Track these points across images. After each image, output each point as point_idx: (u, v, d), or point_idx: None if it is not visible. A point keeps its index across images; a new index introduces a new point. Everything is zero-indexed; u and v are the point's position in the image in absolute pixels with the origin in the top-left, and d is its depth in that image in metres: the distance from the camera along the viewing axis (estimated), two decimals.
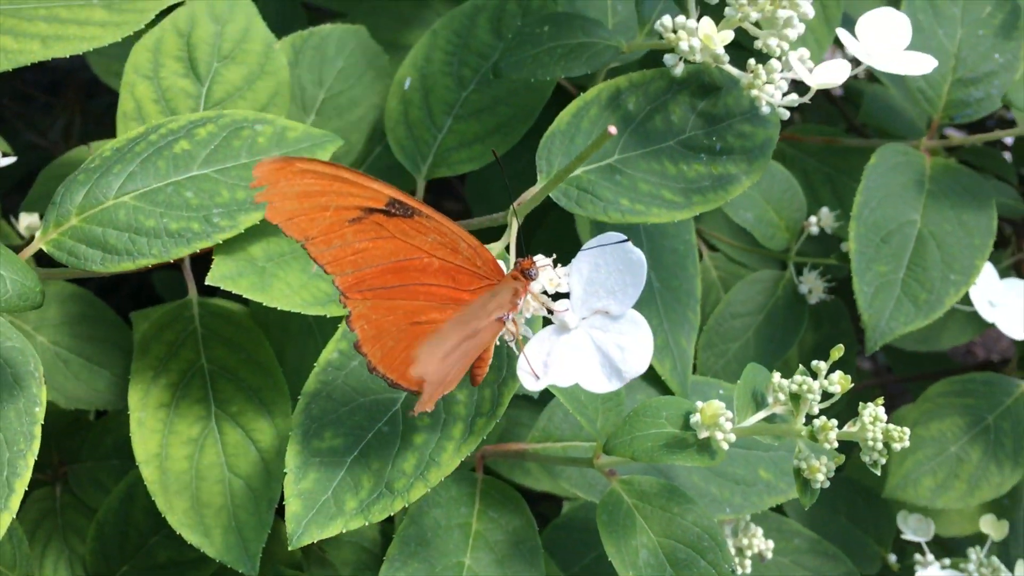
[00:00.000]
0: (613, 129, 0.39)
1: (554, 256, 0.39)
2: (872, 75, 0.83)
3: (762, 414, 0.43)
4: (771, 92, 0.45)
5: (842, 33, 0.47)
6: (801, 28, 0.45)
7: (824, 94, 0.95)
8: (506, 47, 0.50)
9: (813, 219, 0.67)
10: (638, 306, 0.54)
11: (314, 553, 0.63)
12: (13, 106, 0.93)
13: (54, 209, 0.41)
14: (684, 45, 0.44)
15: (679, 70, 0.45)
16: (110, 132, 0.52)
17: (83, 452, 0.63)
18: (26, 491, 0.63)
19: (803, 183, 0.76)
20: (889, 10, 0.48)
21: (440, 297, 0.37)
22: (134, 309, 0.63)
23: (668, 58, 0.45)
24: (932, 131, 0.65)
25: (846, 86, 0.91)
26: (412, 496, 0.39)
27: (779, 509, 0.71)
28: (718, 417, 0.40)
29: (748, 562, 0.59)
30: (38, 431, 0.38)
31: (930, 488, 0.67)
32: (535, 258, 0.38)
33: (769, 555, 0.59)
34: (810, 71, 0.43)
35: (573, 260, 0.38)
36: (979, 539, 0.64)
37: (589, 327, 0.38)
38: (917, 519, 0.68)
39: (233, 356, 0.49)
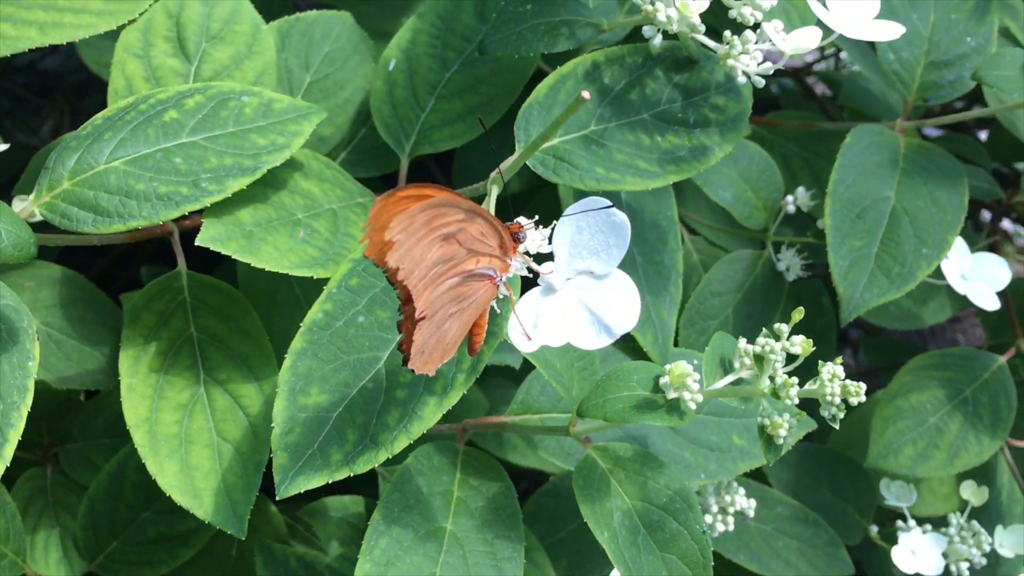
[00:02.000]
0: (586, 94, 0.40)
1: (536, 218, 0.40)
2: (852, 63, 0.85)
3: (729, 378, 0.45)
4: (746, 62, 0.47)
5: (814, 4, 0.48)
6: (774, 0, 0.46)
7: (803, 87, 0.97)
8: (491, 25, 0.51)
9: (790, 198, 0.69)
10: (629, 273, 0.56)
11: (299, 530, 0.64)
12: (5, 106, 0.94)
13: (47, 174, 0.43)
14: (662, 16, 0.45)
15: (657, 41, 0.47)
16: None
17: (74, 432, 0.64)
18: (17, 472, 0.65)
19: (782, 167, 0.77)
20: None
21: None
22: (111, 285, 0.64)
23: (647, 30, 0.47)
24: (906, 112, 0.67)
25: (826, 79, 0.92)
26: (396, 447, 0.41)
27: (762, 479, 0.73)
28: (685, 377, 0.42)
29: (731, 519, 0.60)
30: (31, 384, 0.40)
31: (911, 457, 0.68)
32: (518, 219, 0.39)
33: (751, 513, 0.61)
34: (783, 40, 0.45)
35: (556, 223, 0.39)
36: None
37: (575, 287, 0.39)
38: (900, 485, 0.70)
39: (222, 325, 0.50)
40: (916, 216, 0.62)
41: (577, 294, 0.39)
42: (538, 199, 0.65)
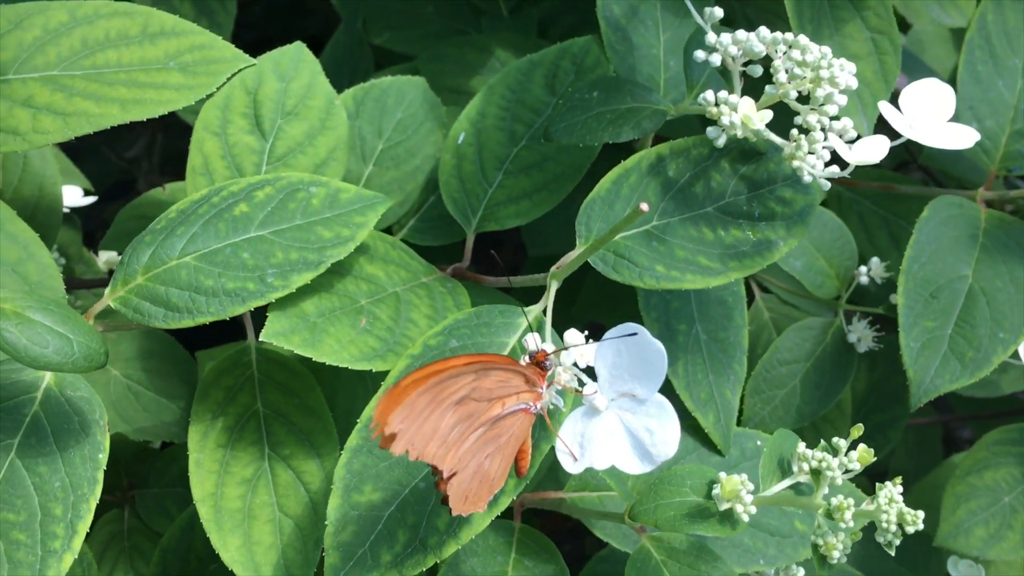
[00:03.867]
0: (645, 206, 0.40)
1: (586, 332, 0.40)
2: None
3: (787, 482, 0.44)
4: (812, 162, 0.46)
5: (884, 107, 0.47)
6: (843, 101, 0.45)
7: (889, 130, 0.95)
8: (556, 112, 0.51)
9: (863, 269, 0.67)
10: (685, 355, 0.55)
11: None
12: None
13: (122, 268, 0.44)
14: (726, 120, 0.45)
15: (721, 142, 0.46)
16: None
17: (150, 478, 0.67)
18: (97, 513, 0.68)
19: (859, 227, 0.76)
20: (934, 82, 0.49)
21: None
22: (200, 339, 0.66)
23: (711, 131, 0.46)
24: (989, 182, 0.65)
25: None
26: (444, 553, 0.41)
27: None
28: (738, 491, 0.41)
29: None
30: (100, 476, 0.41)
31: (982, 538, 0.67)
32: (543, 348, 0.40)
33: None
34: (850, 146, 0.44)
35: (598, 345, 0.39)
36: None
37: (618, 409, 0.40)
38: (968, 564, 0.68)
39: (287, 401, 0.51)
40: (994, 297, 0.60)
41: (620, 416, 0.39)
42: (588, 283, 0.66)
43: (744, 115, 0.43)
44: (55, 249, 0.69)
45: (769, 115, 0.44)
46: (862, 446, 0.44)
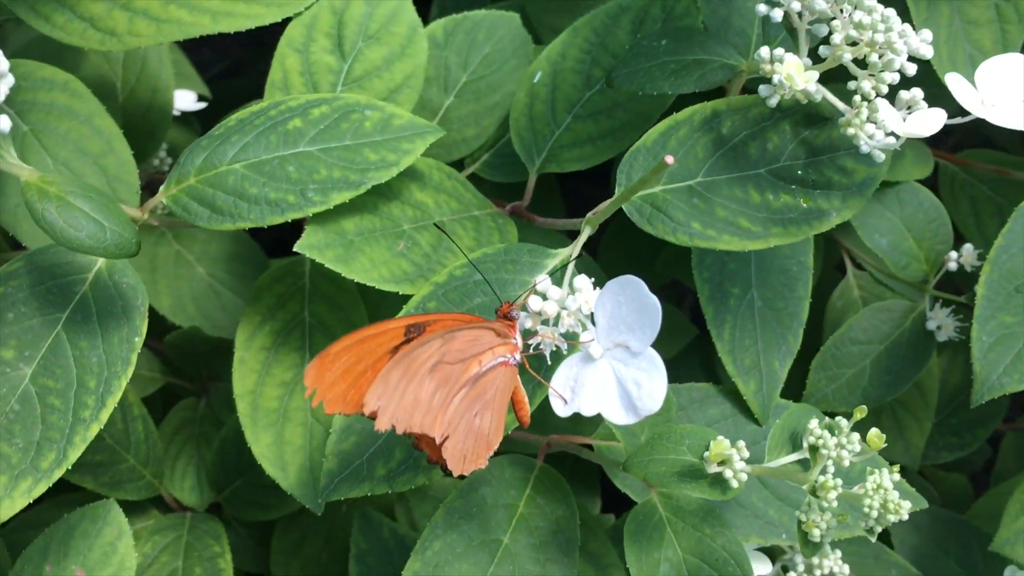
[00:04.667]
0: (670, 159, 0.40)
1: (593, 280, 0.40)
2: None
3: (795, 456, 0.43)
4: (871, 131, 0.44)
5: (954, 80, 0.44)
6: (910, 69, 0.43)
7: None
8: (622, 58, 0.51)
9: (954, 254, 0.64)
10: (733, 319, 0.54)
11: (404, 504, 0.68)
12: (213, 59, 1.01)
13: (178, 168, 0.47)
14: (777, 78, 0.43)
15: (773, 101, 0.45)
16: None
17: (224, 373, 0.70)
18: (174, 399, 0.72)
19: (969, 211, 0.72)
20: (1018, 58, 0.45)
21: None
22: (279, 248, 0.69)
23: (763, 89, 0.45)
24: None
25: None
26: (434, 476, 0.43)
27: (885, 538, 0.70)
28: (725, 455, 0.41)
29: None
30: (134, 358, 0.44)
31: None
32: (576, 279, 0.40)
33: None
34: (905, 116, 0.42)
35: (599, 292, 0.39)
36: None
37: (612, 359, 0.39)
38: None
39: (332, 314, 0.54)
40: None
41: (613, 366, 0.39)
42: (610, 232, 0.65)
43: (787, 73, 0.42)
44: (164, 148, 0.73)
45: (814, 76, 0.42)
46: (874, 430, 0.42)
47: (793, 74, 0.42)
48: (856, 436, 0.41)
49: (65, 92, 0.53)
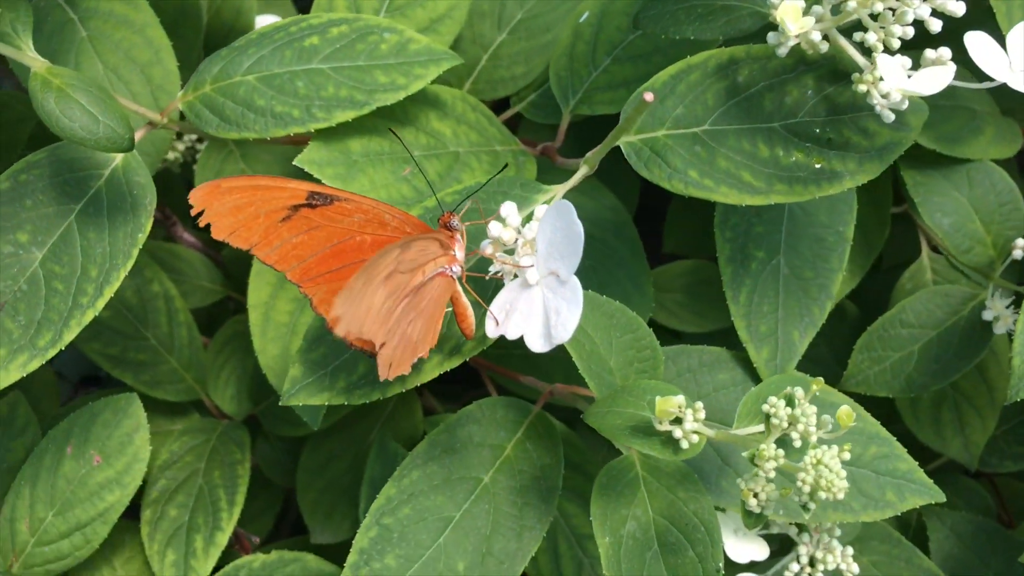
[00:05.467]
0: (649, 96, 0.38)
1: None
2: None
3: (760, 427, 0.41)
4: (886, 89, 0.41)
5: (975, 39, 0.41)
6: (935, 25, 0.40)
7: None
8: None
9: (1021, 241, 0.59)
10: (753, 283, 0.52)
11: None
12: None
13: (196, 76, 0.48)
14: (784, 25, 0.41)
15: (783, 51, 0.42)
16: None
17: None
18: (227, 315, 0.75)
19: None
20: None
21: None
22: None
23: (771, 36, 0.42)
24: None
25: None
26: (388, 392, 0.43)
27: (922, 542, 0.66)
28: (670, 413, 0.39)
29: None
30: (135, 253, 0.46)
31: None
32: (536, 208, 0.39)
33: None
34: (911, 74, 0.39)
35: (541, 220, 0.38)
36: None
37: (544, 287, 0.39)
38: None
39: None
40: None
41: (544, 293, 0.38)
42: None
43: (781, 17, 0.39)
44: None
45: (809, 22, 0.39)
46: (844, 408, 0.40)
47: (786, 19, 0.39)
48: (812, 410, 0.39)
49: (123, 1, 0.55)
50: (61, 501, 0.57)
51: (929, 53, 0.41)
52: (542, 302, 0.39)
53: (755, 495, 0.39)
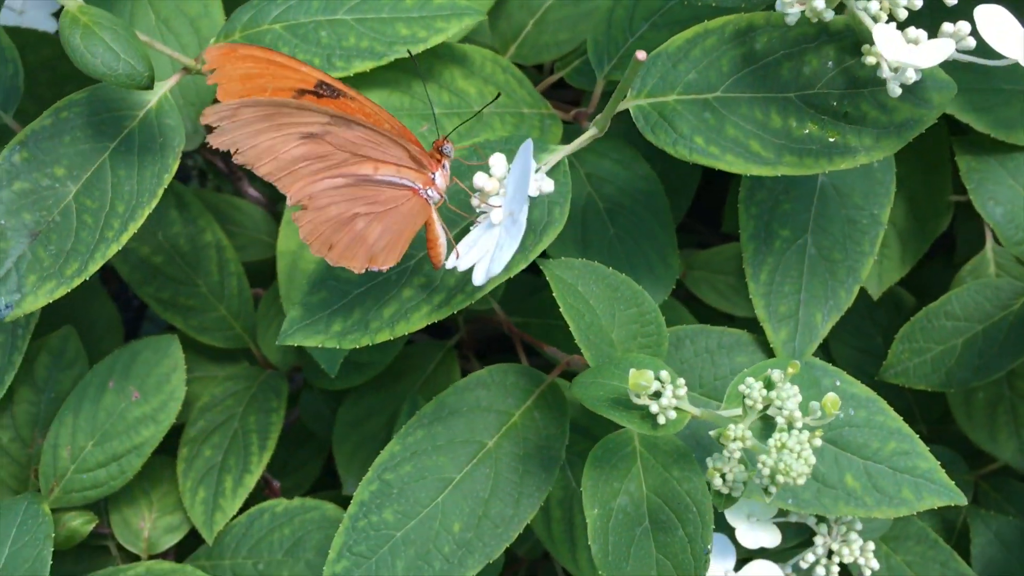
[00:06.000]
0: (642, 55, 0.38)
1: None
2: None
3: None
4: (897, 61, 0.39)
5: (987, 13, 0.38)
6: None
7: None
8: None
9: None
10: (776, 262, 0.51)
11: None
12: None
13: (228, 24, 0.50)
14: None
15: (791, 19, 0.41)
16: None
17: None
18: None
19: None
20: None
21: None
22: None
23: (778, 3, 0.41)
24: None
25: None
26: (377, 338, 0.44)
27: (964, 546, 0.63)
28: (642, 387, 0.38)
29: (836, 569, 0.54)
30: (160, 192, 0.48)
31: None
32: (491, 158, 0.39)
33: (868, 572, 0.54)
34: (914, 45, 0.37)
35: (513, 163, 0.38)
36: None
37: (503, 227, 0.39)
38: None
39: None
40: None
41: (500, 232, 0.38)
42: None
43: None
44: None
45: None
46: (831, 395, 0.38)
47: None
48: (792, 390, 0.37)
49: None
50: (101, 432, 0.60)
51: (947, 27, 0.39)
52: (497, 239, 0.39)
53: (722, 475, 0.38)
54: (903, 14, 0.38)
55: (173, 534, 0.64)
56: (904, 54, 0.37)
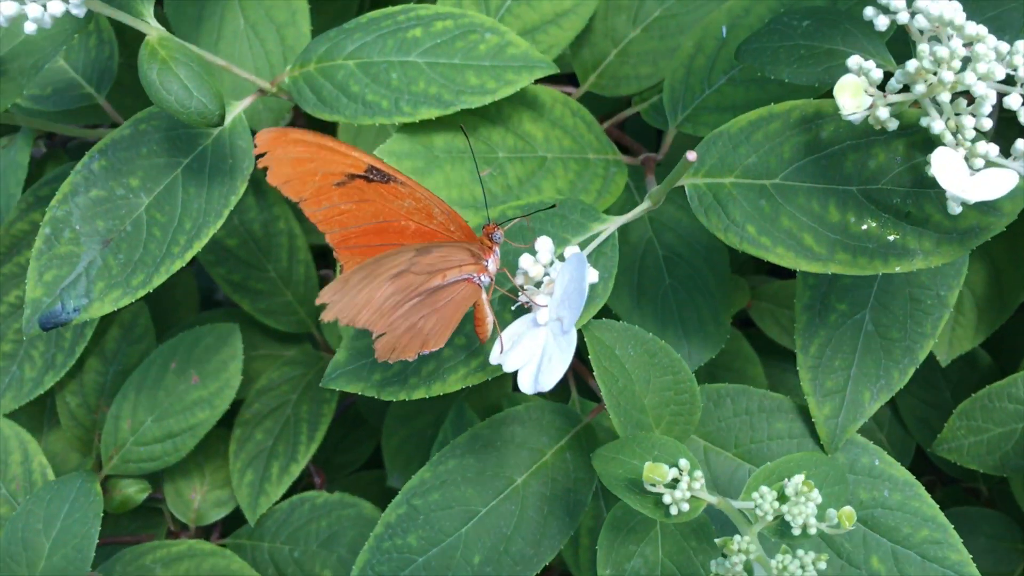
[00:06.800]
0: (692, 156, 0.37)
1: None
2: None
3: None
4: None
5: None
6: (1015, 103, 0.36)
7: None
8: (756, 31, 0.47)
9: None
10: (829, 336, 0.51)
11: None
12: None
13: (304, 53, 0.50)
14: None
15: (856, 117, 0.39)
16: None
17: None
18: None
19: None
20: None
21: None
22: None
23: (842, 111, 0.39)
24: None
25: None
26: (413, 395, 0.45)
27: None
28: (656, 480, 0.39)
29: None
30: (226, 213, 0.50)
31: None
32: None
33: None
34: (973, 172, 0.36)
35: (563, 264, 0.38)
36: None
37: (551, 329, 0.39)
38: None
39: None
40: None
41: (548, 336, 0.39)
42: None
43: (836, 92, 0.36)
44: None
45: (864, 103, 0.36)
46: (847, 508, 0.38)
47: (841, 97, 0.36)
48: (811, 505, 0.37)
49: None
50: (160, 410, 0.63)
51: (1020, 145, 0.37)
52: (543, 344, 0.39)
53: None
54: (971, 134, 0.37)
55: (221, 508, 0.67)
56: (958, 186, 0.36)
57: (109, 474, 0.64)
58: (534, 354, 0.39)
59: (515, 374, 0.39)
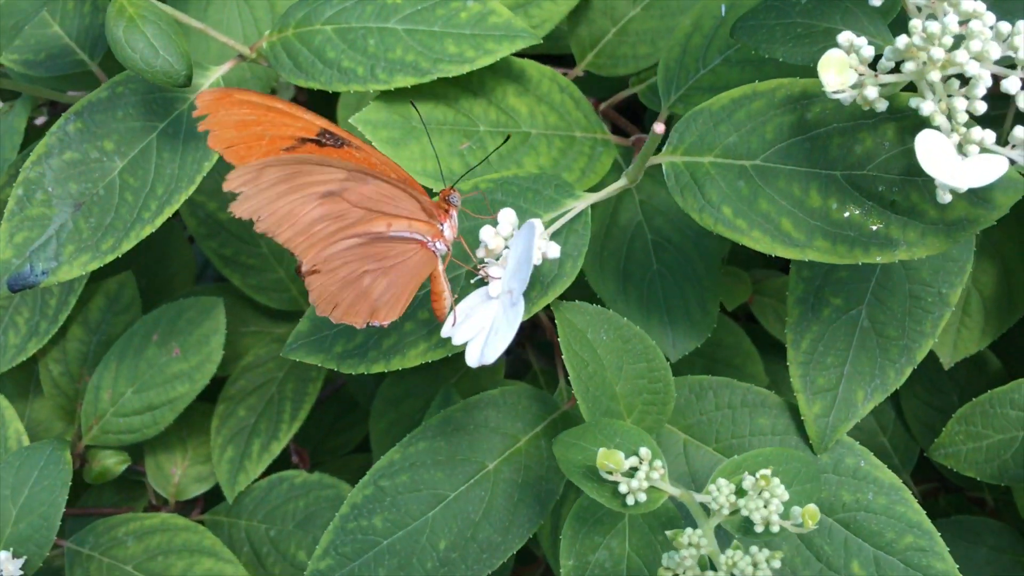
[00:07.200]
0: (660, 127, 0.35)
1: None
2: None
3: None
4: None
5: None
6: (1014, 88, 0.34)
7: None
8: (751, 8, 0.45)
9: None
10: (822, 331, 0.49)
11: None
12: None
13: (284, 17, 0.49)
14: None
15: (846, 99, 0.37)
16: None
17: None
18: None
19: None
20: None
21: None
22: None
23: (826, 91, 0.37)
24: None
25: None
26: (372, 368, 0.43)
27: None
28: (610, 468, 0.37)
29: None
30: (199, 180, 0.48)
31: None
32: (500, 212, 0.38)
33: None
34: (963, 157, 0.33)
35: (516, 235, 0.36)
36: None
37: (501, 302, 0.37)
38: None
39: None
40: None
41: (499, 308, 0.37)
42: None
43: (819, 68, 0.34)
44: None
45: (848, 80, 0.34)
46: (811, 507, 0.36)
47: (825, 72, 0.34)
48: (775, 502, 0.35)
49: None
50: (140, 381, 0.62)
51: (1019, 132, 0.35)
52: (492, 318, 0.37)
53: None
54: (963, 117, 0.34)
55: (201, 484, 0.66)
56: (944, 172, 0.34)
57: (89, 444, 0.63)
58: (483, 327, 0.37)
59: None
